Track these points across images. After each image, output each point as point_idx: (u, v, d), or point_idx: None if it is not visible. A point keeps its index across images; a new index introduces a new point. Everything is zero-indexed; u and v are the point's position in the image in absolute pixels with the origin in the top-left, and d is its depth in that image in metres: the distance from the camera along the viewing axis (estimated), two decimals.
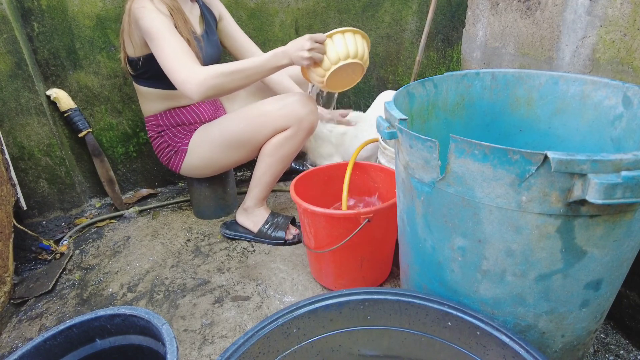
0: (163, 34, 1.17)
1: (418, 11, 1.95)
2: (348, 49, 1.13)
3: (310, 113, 1.26)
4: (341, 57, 1.13)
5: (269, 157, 1.32)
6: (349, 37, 1.14)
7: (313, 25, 1.84)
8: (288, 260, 1.34)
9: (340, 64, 1.13)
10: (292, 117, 1.25)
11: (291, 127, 1.27)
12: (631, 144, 0.75)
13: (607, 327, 0.99)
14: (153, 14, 1.17)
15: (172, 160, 1.42)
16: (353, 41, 1.14)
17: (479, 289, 0.66)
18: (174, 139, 1.40)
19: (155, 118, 1.41)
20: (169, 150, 1.41)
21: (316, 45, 1.12)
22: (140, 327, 0.73)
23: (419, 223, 0.72)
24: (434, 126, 0.93)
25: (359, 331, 0.73)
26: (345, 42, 1.13)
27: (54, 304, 1.23)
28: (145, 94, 1.38)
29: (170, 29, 1.18)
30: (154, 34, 1.17)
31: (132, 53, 1.29)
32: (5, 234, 1.25)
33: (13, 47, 1.40)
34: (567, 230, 0.56)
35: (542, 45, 1.12)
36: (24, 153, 1.52)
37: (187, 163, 1.40)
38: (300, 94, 1.29)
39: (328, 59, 1.14)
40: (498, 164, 0.55)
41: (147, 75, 1.33)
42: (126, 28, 1.25)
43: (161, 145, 1.42)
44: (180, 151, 1.39)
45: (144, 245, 1.47)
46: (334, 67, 1.14)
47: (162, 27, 1.17)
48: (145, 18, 1.17)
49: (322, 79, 1.17)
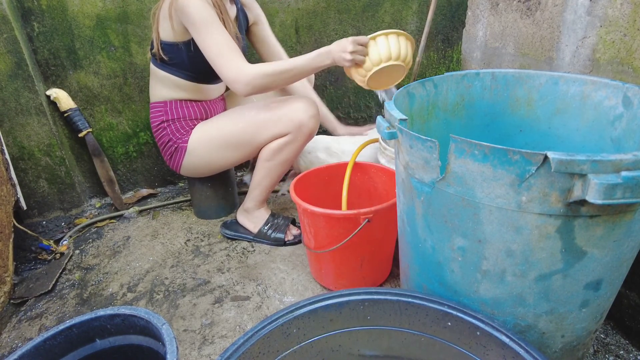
0: (212, 25, 1.17)
1: (418, 11, 1.95)
2: (390, 51, 1.14)
3: (311, 119, 1.25)
4: (383, 59, 1.14)
5: (267, 162, 1.32)
6: (392, 40, 1.15)
7: (313, 25, 1.84)
8: (288, 260, 1.34)
9: (382, 66, 1.15)
10: (293, 122, 1.24)
11: (291, 132, 1.26)
12: (631, 144, 0.75)
13: (607, 327, 0.99)
14: (200, 5, 1.17)
15: (173, 158, 1.41)
16: (396, 43, 1.15)
17: (479, 289, 0.66)
18: (175, 134, 1.38)
19: (163, 105, 1.38)
20: (170, 145, 1.39)
21: (359, 47, 1.13)
22: (140, 327, 0.73)
23: (419, 223, 0.72)
24: (434, 126, 0.93)
25: (359, 331, 0.73)
26: (388, 44, 1.14)
27: (53, 304, 1.23)
28: (163, 79, 1.36)
29: (219, 22, 1.19)
30: (201, 25, 1.17)
31: (171, 37, 1.28)
32: (5, 234, 1.25)
33: (13, 47, 1.40)
34: (567, 231, 0.56)
35: (542, 45, 1.12)
36: (24, 153, 1.52)
37: (186, 162, 1.39)
38: (303, 99, 1.27)
39: (370, 61, 1.15)
40: (498, 164, 0.55)
41: (174, 61, 1.32)
42: (166, 11, 1.24)
43: (163, 139, 1.40)
44: (180, 148, 1.38)
45: (144, 245, 1.47)
46: (375, 68, 1.15)
47: (210, 19, 1.17)
48: (192, 7, 1.16)
49: (363, 78, 1.19)
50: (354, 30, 1.91)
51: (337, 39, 1.89)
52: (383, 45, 1.14)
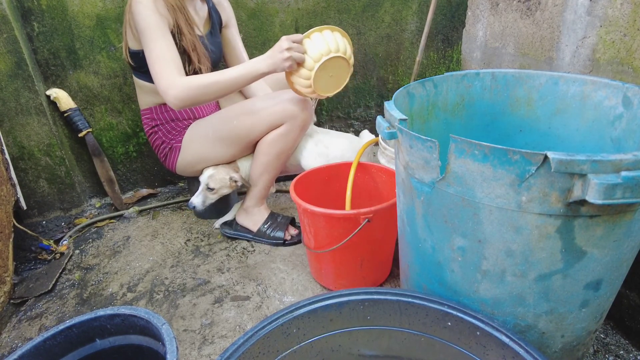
0: (153, 34, 1.16)
1: (418, 11, 1.95)
2: (329, 44, 1.11)
3: (304, 109, 1.26)
4: (323, 53, 1.11)
5: (264, 156, 1.32)
6: (327, 34, 1.12)
7: (313, 25, 1.84)
8: (288, 260, 1.34)
9: (324, 60, 1.11)
10: (286, 114, 1.25)
11: (285, 123, 1.26)
12: (631, 144, 0.75)
13: (607, 327, 0.99)
14: (148, 12, 1.16)
15: (167, 158, 1.42)
16: (333, 37, 1.12)
17: (479, 289, 0.66)
18: (167, 136, 1.40)
19: (150, 111, 1.41)
20: (164, 147, 1.41)
21: (294, 44, 1.10)
22: (140, 327, 0.73)
23: (419, 223, 0.72)
24: (434, 126, 0.93)
25: (359, 331, 0.73)
26: (324, 38, 1.11)
27: (53, 304, 1.23)
28: (142, 87, 1.38)
29: (162, 30, 1.18)
30: (145, 33, 1.17)
31: (133, 45, 1.29)
32: (5, 234, 1.25)
33: (13, 47, 1.40)
34: (567, 231, 0.56)
35: (542, 45, 1.12)
36: (23, 153, 1.52)
37: (181, 160, 1.40)
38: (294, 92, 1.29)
39: (310, 58, 1.11)
40: (498, 164, 0.55)
41: (145, 68, 1.32)
42: (127, 19, 1.25)
43: (156, 142, 1.42)
44: (174, 148, 1.39)
45: (144, 245, 1.47)
46: (317, 64, 1.11)
47: (154, 27, 1.16)
48: (140, 14, 1.16)
49: (309, 81, 1.14)
50: (354, 30, 1.91)
51: None
52: (319, 40, 1.11)
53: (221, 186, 1.38)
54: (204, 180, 1.37)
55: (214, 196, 1.39)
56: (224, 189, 1.39)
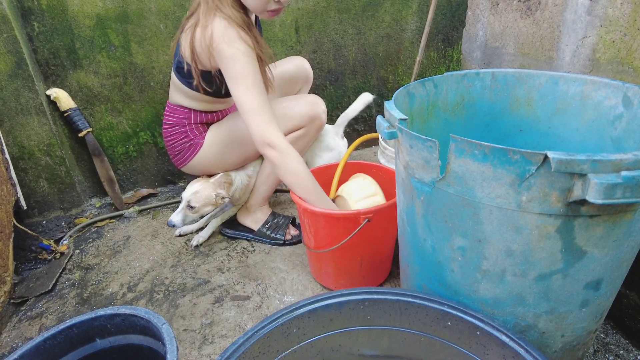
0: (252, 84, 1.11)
1: (418, 11, 1.95)
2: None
3: (323, 112, 1.34)
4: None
5: None
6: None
7: (313, 25, 1.84)
8: (288, 260, 1.34)
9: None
10: (306, 117, 1.30)
11: (305, 126, 1.31)
12: (631, 144, 0.75)
13: (607, 327, 0.99)
14: (247, 58, 1.10)
15: (182, 153, 1.37)
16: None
17: (479, 289, 0.66)
18: (194, 132, 1.35)
19: (187, 112, 1.34)
20: (184, 142, 1.35)
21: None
22: (140, 326, 0.73)
23: (419, 223, 0.72)
24: (434, 126, 0.93)
25: (359, 331, 0.73)
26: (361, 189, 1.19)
27: (54, 304, 1.23)
28: (188, 93, 1.31)
29: (257, 77, 1.13)
30: (239, 79, 1.11)
31: (205, 67, 1.22)
32: (5, 234, 1.25)
33: (13, 47, 1.40)
34: (567, 230, 0.56)
35: (542, 45, 1.12)
36: (24, 153, 1.52)
37: (198, 157, 1.36)
38: (312, 96, 1.34)
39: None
40: (498, 164, 0.55)
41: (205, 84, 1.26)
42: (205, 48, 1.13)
43: (177, 136, 1.36)
44: (195, 144, 1.35)
45: (144, 245, 1.47)
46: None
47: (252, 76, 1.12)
48: (239, 61, 1.10)
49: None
50: (354, 30, 1.91)
51: (337, 39, 1.90)
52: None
53: (204, 204, 1.32)
54: (186, 197, 1.30)
55: (195, 215, 1.33)
56: (207, 206, 1.33)
